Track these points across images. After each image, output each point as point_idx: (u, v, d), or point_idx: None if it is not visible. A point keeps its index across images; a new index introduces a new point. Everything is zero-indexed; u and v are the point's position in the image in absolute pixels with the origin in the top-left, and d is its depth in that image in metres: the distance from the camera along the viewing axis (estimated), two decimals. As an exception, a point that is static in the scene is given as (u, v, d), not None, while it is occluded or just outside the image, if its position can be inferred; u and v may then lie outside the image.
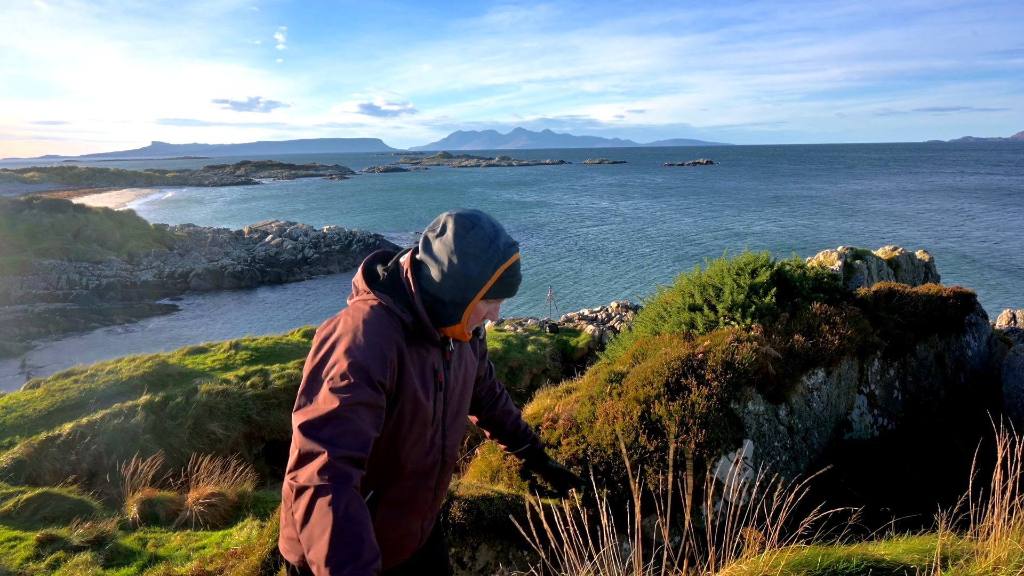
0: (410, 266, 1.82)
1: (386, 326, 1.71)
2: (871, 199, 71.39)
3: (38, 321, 25.86)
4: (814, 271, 6.81)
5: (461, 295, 1.77)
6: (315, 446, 1.52)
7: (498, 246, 1.76)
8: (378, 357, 1.65)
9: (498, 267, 1.76)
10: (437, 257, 1.77)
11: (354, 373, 1.60)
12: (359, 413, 1.58)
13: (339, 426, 1.55)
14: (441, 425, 1.89)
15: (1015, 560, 2.25)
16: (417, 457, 1.84)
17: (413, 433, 1.79)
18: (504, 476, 4.64)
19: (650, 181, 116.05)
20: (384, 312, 1.74)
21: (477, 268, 1.74)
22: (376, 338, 1.67)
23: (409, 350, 1.75)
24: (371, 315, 1.71)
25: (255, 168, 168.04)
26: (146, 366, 10.18)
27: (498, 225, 1.82)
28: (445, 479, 1.99)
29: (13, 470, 7.68)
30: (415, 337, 1.77)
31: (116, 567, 4.71)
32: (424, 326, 1.77)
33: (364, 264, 1.90)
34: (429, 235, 1.81)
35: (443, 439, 1.91)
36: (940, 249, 36.42)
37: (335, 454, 1.51)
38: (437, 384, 1.84)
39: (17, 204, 36.34)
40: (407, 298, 1.78)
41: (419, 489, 1.89)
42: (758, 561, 2.41)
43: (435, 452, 1.89)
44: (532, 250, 42.59)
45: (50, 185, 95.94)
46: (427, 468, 1.88)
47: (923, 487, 4.80)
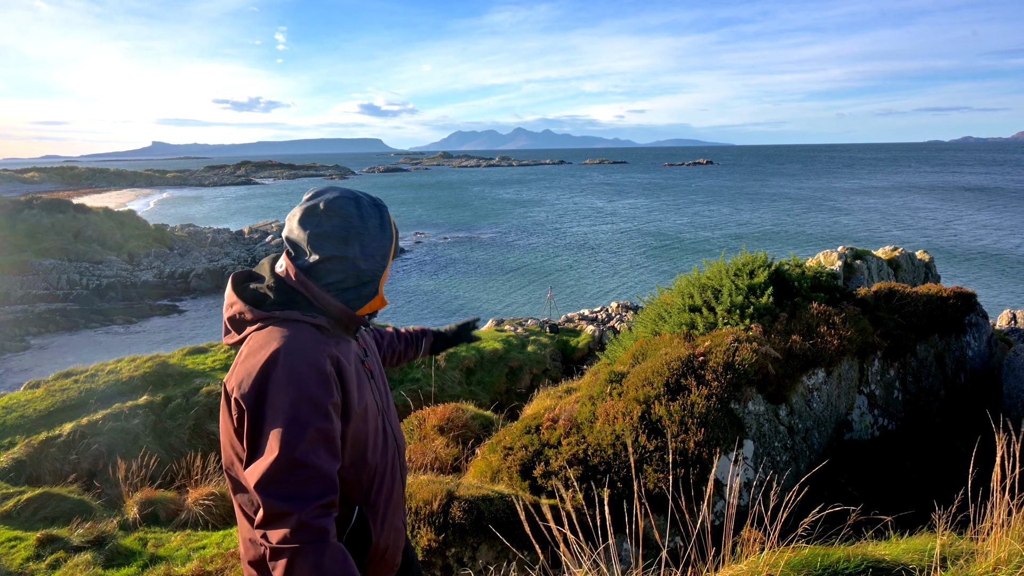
0: (298, 269, 1.70)
1: (310, 340, 1.60)
2: (870, 198, 71.42)
3: (38, 321, 25.86)
4: (813, 271, 6.81)
5: (378, 267, 1.76)
6: (281, 507, 1.42)
7: (383, 209, 1.79)
8: (317, 378, 1.54)
9: (392, 227, 1.80)
10: (336, 245, 1.70)
11: (299, 409, 1.49)
12: (318, 453, 1.48)
13: (299, 475, 1.45)
14: (384, 412, 1.87)
15: (1015, 560, 2.25)
16: (379, 452, 1.81)
17: (371, 429, 1.76)
18: (504, 476, 4.64)
19: (651, 181, 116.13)
20: (300, 327, 1.63)
21: (382, 236, 1.76)
22: (307, 359, 1.55)
23: (338, 353, 1.68)
24: (289, 337, 1.58)
25: (255, 168, 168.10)
26: (146, 366, 10.19)
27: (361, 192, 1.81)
28: (404, 462, 1.98)
29: (13, 470, 7.68)
30: (335, 337, 1.71)
31: (116, 567, 4.71)
32: (344, 319, 1.71)
33: (235, 291, 1.73)
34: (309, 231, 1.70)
35: (390, 424, 1.89)
36: (940, 249, 36.43)
37: (304, 511, 1.42)
38: (368, 374, 1.82)
39: (17, 204, 36.35)
40: (310, 302, 1.68)
41: (394, 482, 1.87)
42: (758, 561, 2.41)
43: (390, 440, 1.87)
44: (532, 249, 42.61)
45: (50, 185, 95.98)
46: (390, 459, 1.86)
47: (923, 487, 4.80)
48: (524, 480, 4.51)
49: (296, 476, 1.45)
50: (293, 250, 1.73)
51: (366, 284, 1.75)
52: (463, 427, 6.38)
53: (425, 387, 11.08)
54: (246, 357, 1.58)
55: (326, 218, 1.70)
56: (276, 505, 1.43)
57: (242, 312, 1.67)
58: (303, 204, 1.74)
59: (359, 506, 1.75)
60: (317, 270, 1.70)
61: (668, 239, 46.40)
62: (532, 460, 4.60)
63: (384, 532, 1.83)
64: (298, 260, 1.71)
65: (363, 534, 1.75)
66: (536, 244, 44.61)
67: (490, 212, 67.11)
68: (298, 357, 1.55)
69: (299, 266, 1.70)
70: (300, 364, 1.54)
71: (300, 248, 1.71)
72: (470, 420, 6.56)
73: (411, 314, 27.26)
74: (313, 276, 1.70)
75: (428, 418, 6.46)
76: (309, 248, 1.69)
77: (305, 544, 1.41)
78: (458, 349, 13.08)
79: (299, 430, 1.47)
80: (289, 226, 1.75)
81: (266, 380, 1.51)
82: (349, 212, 1.71)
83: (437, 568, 3.82)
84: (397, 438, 1.93)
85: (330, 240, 1.69)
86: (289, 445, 1.45)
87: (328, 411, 1.54)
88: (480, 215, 64.53)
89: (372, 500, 1.78)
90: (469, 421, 6.53)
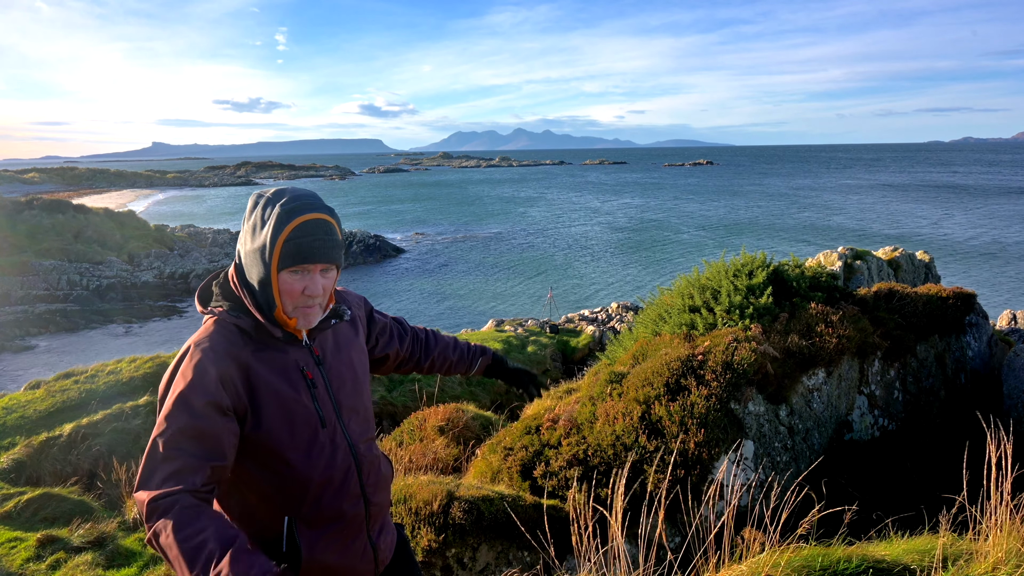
0: (234, 269, 1.73)
1: (218, 343, 1.62)
2: (870, 197, 71.44)
3: (38, 322, 25.87)
4: (813, 271, 6.81)
5: (264, 272, 1.65)
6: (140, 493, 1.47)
7: (284, 208, 1.64)
8: (204, 379, 1.56)
9: (282, 229, 1.62)
10: (241, 244, 1.72)
11: (179, 403, 1.53)
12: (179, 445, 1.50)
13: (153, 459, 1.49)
14: (337, 423, 1.76)
15: (1014, 560, 2.26)
16: (321, 465, 1.71)
17: (298, 439, 1.68)
18: (504, 476, 4.64)
19: (651, 180, 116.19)
20: (218, 328, 1.65)
21: (265, 237, 1.64)
22: (203, 363, 1.57)
23: (257, 356, 1.66)
24: (202, 339, 1.63)
25: (255, 169, 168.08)
26: (146, 367, 10.19)
27: (292, 192, 1.70)
28: (373, 481, 1.85)
29: (14, 471, 7.68)
30: (264, 340, 1.68)
31: (117, 568, 4.72)
32: (262, 324, 1.67)
33: (199, 289, 1.78)
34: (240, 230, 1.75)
35: (346, 438, 1.78)
36: (940, 249, 36.44)
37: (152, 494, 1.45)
38: (308, 382, 1.72)
39: (18, 205, 36.37)
40: (242, 302, 1.69)
41: (342, 500, 1.76)
42: (758, 561, 2.41)
43: (342, 454, 1.76)
44: (532, 248, 42.61)
45: (50, 186, 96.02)
46: (341, 474, 1.76)
47: (923, 487, 4.80)
48: (524, 480, 4.52)
49: (151, 460, 1.50)
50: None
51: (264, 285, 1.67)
52: (463, 427, 6.39)
53: (425, 387, 11.08)
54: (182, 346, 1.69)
55: (251, 207, 1.72)
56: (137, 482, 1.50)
57: (199, 308, 1.76)
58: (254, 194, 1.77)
59: (288, 516, 1.70)
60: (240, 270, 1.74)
61: (667, 238, 46.42)
62: (532, 460, 4.60)
63: (323, 548, 1.74)
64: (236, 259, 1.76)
65: (291, 545, 1.69)
66: (536, 244, 44.62)
67: (490, 211, 67.11)
68: (196, 355, 1.59)
69: (236, 264, 1.75)
70: (196, 362, 1.58)
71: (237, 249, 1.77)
72: (470, 420, 6.56)
73: (412, 314, 27.28)
74: (239, 273, 1.73)
75: (429, 419, 6.46)
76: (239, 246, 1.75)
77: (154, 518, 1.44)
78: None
79: (171, 420, 1.52)
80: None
81: (173, 372, 1.60)
82: (249, 212, 1.71)
83: (437, 568, 3.83)
84: (357, 453, 1.81)
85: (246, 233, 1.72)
86: (160, 432, 1.52)
87: (206, 410, 1.55)
88: (480, 214, 64.54)
89: (306, 513, 1.72)
90: (469, 421, 6.53)
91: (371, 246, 41.85)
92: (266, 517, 1.71)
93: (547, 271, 36.18)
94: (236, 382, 1.61)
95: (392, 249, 43.10)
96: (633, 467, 4.28)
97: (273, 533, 1.70)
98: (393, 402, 11.09)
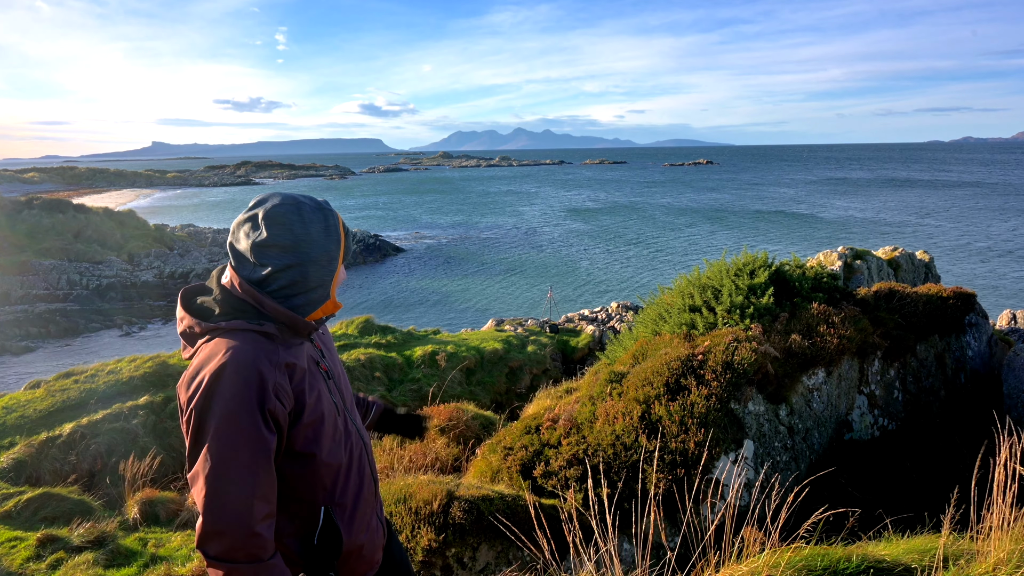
0: (242, 280, 1.72)
1: (255, 350, 1.63)
2: (870, 197, 71.44)
3: (38, 321, 25.85)
4: (813, 271, 6.81)
5: (327, 271, 1.77)
6: (216, 524, 1.47)
7: (328, 212, 1.79)
8: (259, 389, 1.57)
9: (339, 229, 1.79)
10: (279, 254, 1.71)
11: (237, 424, 1.53)
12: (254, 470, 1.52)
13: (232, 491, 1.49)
14: (345, 410, 1.90)
15: (1014, 560, 2.26)
16: (344, 451, 1.83)
17: (328, 430, 1.77)
18: (504, 476, 4.64)
19: (651, 180, 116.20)
20: (246, 336, 1.65)
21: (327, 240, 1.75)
22: (249, 370, 1.58)
23: (288, 357, 1.70)
24: (234, 348, 1.61)
25: (255, 168, 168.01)
26: (146, 366, 10.19)
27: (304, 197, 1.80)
28: (374, 463, 2.02)
29: (13, 470, 7.68)
30: (285, 343, 1.72)
31: (117, 567, 4.72)
32: (293, 324, 1.72)
33: (184, 306, 1.76)
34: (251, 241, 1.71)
35: (352, 423, 1.92)
36: (940, 249, 36.43)
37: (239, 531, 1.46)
38: (324, 374, 1.84)
39: (17, 204, 36.35)
40: (257, 310, 1.70)
41: (361, 479, 1.89)
42: (758, 561, 2.41)
43: (354, 438, 1.90)
44: (532, 248, 42.62)
45: (50, 185, 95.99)
46: (357, 458, 1.89)
47: (924, 487, 4.80)
48: (524, 480, 4.51)
49: (230, 491, 1.49)
50: (236, 261, 1.75)
51: (314, 289, 1.76)
52: (463, 427, 6.39)
53: (425, 387, 11.08)
54: (195, 369, 1.61)
55: (267, 227, 1.70)
56: (210, 521, 1.49)
57: (192, 326, 1.70)
58: (245, 214, 1.75)
59: (324, 506, 1.77)
60: (261, 279, 1.72)
61: (668, 238, 46.42)
62: (532, 460, 4.60)
63: (356, 529, 1.85)
64: (242, 271, 1.73)
65: (333, 534, 1.77)
66: (536, 243, 44.61)
67: (490, 211, 67.09)
68: (241, 368, 1.57)
69: (243, 276, 1.72)
70: (242, 375, 1.57)
71: (243, 258, 1.73)
72: (470, 420, 6.56)
73: (411, 313, 27.26)
74: (258, 285, 1.72)
75: (429, 419, 6.46)
76: (253, 258, 1.71)
77: (240, 564, 1.46)
78: (459, 349, 13.07)
79: (236, 446, 1.52)
80: (233, 236, 1.77)
81: (211, 394, 1.55)
82: (290, 220, 1.71)
83: (437, 568, 3.82)
84: (363, 435, 1.97)
85: (272, 249, 1.71)
86: (225, 461, 1.50)
87: (268, 423, 1.58)
88: (480, 214, 64.51)
89: (338, 499, 1.80)
90: (469, 421, 6.53)
91: (371, 245, 41.84)
92: (302, 511, 1.76)
93: (547, 270, 36.17)
94: (286, 388, 1.66)
95: (392, 248, 43.08)
96: (633, 467, 4.28)
97: (311, 525, 1.77)
98: (393, 402, 11.08)
